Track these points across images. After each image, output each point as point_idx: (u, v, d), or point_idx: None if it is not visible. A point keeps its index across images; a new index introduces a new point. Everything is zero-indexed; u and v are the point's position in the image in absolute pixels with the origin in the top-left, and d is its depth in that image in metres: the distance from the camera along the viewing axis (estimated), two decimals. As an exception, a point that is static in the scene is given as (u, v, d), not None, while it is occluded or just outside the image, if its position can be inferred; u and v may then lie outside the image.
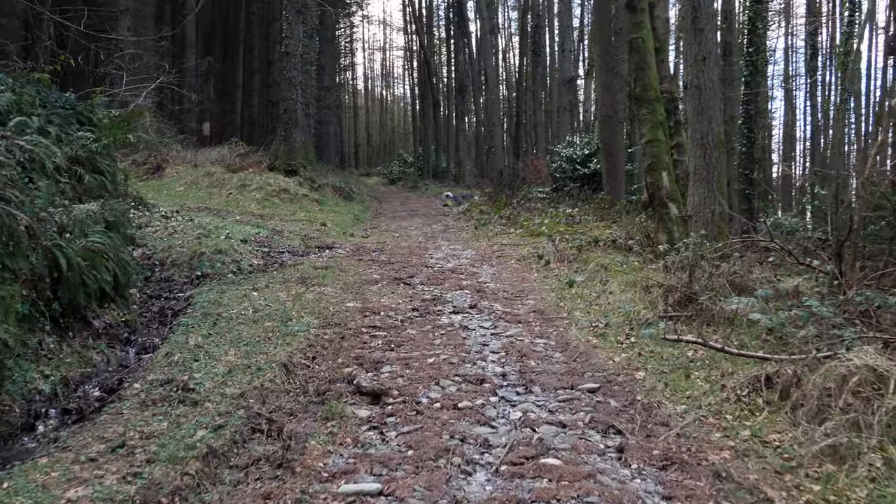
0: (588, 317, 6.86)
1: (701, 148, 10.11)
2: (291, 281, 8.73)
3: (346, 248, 11.95)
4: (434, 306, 7.52)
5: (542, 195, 20.51)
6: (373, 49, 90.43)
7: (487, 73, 27.25)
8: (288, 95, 20.38)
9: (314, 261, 10.33)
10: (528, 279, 9.24)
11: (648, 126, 9.59)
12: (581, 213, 14.70)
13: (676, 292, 6.42)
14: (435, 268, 10.20)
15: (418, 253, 11.83)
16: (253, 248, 10.99)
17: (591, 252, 10.17)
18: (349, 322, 6.81)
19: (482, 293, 8.25)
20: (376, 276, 9.29)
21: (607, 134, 17.33)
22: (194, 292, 8.21)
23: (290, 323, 6.74)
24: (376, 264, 10.33)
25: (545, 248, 11.00)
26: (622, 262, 9.26)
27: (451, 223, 19.07)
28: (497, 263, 10.68)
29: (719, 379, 4.71)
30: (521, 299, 7.93)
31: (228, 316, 6.89)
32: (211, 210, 15.13)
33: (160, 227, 11.42)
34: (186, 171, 19.02)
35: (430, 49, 48.54)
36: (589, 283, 8.27)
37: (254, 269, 9.57)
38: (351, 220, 17.65)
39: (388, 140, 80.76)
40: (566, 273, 9.25)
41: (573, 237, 10.99)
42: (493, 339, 6.14)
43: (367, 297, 7.96)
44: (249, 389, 4.82)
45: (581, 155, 22.61)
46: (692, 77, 10.25)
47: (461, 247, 13.15)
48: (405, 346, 5.93)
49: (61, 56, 11.22)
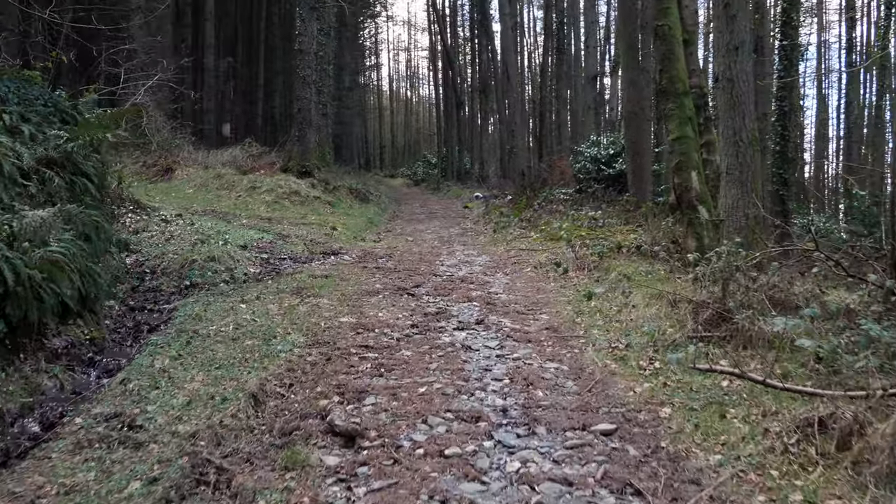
0: (607, 335, 6.08)
1: (733, 146, 9.29)
2: (286, 291, 8.05)
3: (353, 255, 11.25)
4: (436, 322, 6.78)
5: (566, 197, 19.70)
6: (398, 50, 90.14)
7: (510, 70, 26.46)
8: (302, 94, 19.75)
9: (315, 269, 9.64)
10: (544, 289, 8.47)
11: (676, 122, 8.79)
12: (604, 215, 13.88)
13: (707, 309, 5.63)
14: (444, 276, 9.47)
15: (429, 259, 11.10)
16: (252, 254, 10.34)
17: (614, 259, 9.37)
18: (339, 340, 6.10)
19: (492, 306, 7.50)
20: (379, 286, 8.58)
21: (633, 132, 16.49)
22: (178, 304, 7.56)
23: (273, 341, 6.05)
24: (381, 272, 9.62)
25: (564, 255, 10.23)
26: (647, 270, 8.46)
27: (470, 226, 18.34)
28: (512, 271, 9.92)
29: (761, 420, 3.92)
30: (534, 313, 7.17)
31: (206, 333, 6.21)
32: (217, 213, 14.53)
33: (157, 232, 10.82)
34: (197, 172, 18.47)
35: (455, 49, 47.89)
36: (609, 295, 7.49)
37: (248, 278, 8.90)
38: (364, 223, 16.96)
39: (413, 141, 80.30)
40: (585, 283, 8.48)
41: (594, 243, 10.19)
42: (497, 363, 5.39)
43: (364, 310, 7.24)
44: (206, 427, 4.12)
45: (606, 155, 21.79)
46: (723, 69, 9.42)
47: (476, 252, 12.40)
48: (396, 371, 5.20)
49: (52, 52, 10.63)
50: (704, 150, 10.76)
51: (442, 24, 44.07)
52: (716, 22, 9.70)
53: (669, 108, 8.87)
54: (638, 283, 7.86)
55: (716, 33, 9.63)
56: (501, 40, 27.92)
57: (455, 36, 49.59)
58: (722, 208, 9.30)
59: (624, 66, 17.84)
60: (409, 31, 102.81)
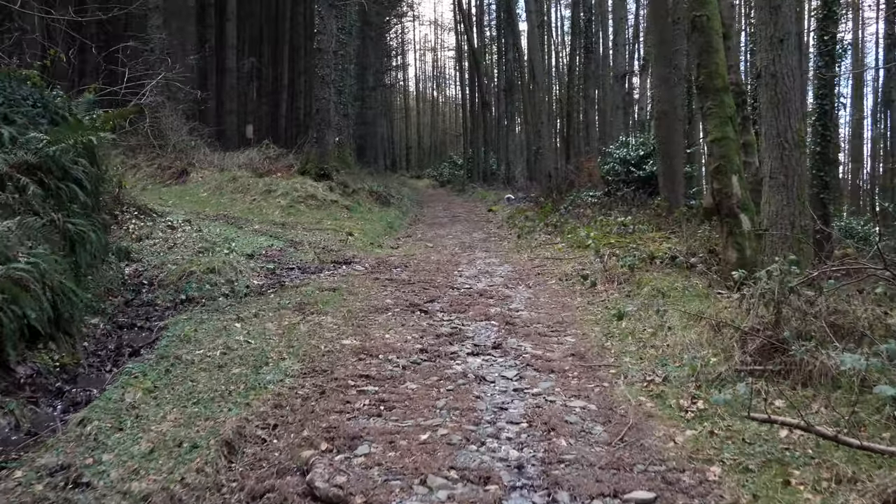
0: (641, 365, 5.34)
1: (778, 147, 8.50)
2: (287, 307, 7.39)
3: (367, 264, 10.58)
4: (449, 345, 6.08)
5: (593, 200, 18.92)
6: (424, 50, 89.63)
7: (535, 69, 25.69)
8: (320, 94, 19.14)
9: (323, 280, 8.98)
10: (570, 306, 7.73)
11: (715, 121, 8.00)
12: (634, 221, 13.09)
13: (758, 337, 4.87)
14: (462, 289, 8.76)
15: (447, 270, 10.40)
16: (258, 264, 9.72)
17: (646, 272, 8.60)
18: (337, 368, 5.43)
19: (512, 325, 6.78)
20: (389, 300, 7.89)
21: (664, 132, 15.66)
22: (170, 322, 6.94)
23: (264, 369, 5.39)
24: (394, 285, 8.94)
25: (591, 265, 9.48)
26: (683, 285, 7.68)
27: (494, 231, 17.62)
28: (535, 283, 9.19)
29: (836, 489, 3.18)
30: (559, 335, 6.44)
31: (190, 359, 5.56)
32: (229, 218, 13.95)
33: (161, 240, 10.26)
34: (212, 175, 17.95)
35: (482, 49, 47.23)
36: (643, 313, 6.74)
37: (250, 292, 8.26)
38: (383, 228, 16.30)
39: (440, 142, 79.82)
40: (615, 299, 7.72)
41: (625, 252, 9.42)
42: (514, 400, 4.67)
43: (370, 330, 6.56)
44: (162, 488, 3.46)
45: (636, 156, 20.95)
46: (767, 63, 8.64)
47: (498, 261, 11.68)
48: (398, 410, 4.50)
49: (51, 51, 10.10)
50: (742, 151, 9.97)
51: (468, 24, 43.41)
52: (758, 13, 8.90)
53: (708, 106, 8.09)
54: (674, 299, 7.11)
55: (758, 25, 8.83)
56: (528, 39, 27.17)
57: (481, 36, 48.98)
58: (765, 216, 8.52)
59: (654, 63, 17.01)
60: (435, 31, 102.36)
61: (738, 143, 8.11)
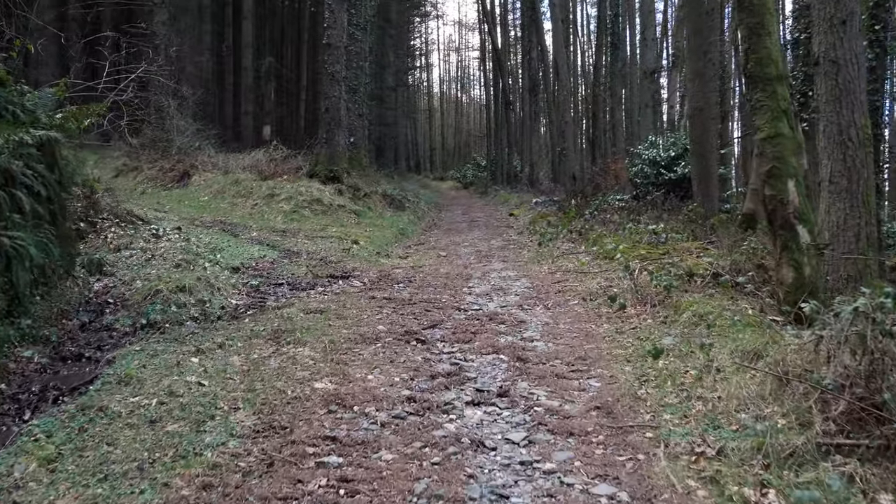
0: (686, 426, 4.14)
1: (839, 146, 7.27)
2: (261, 336, 6.29)
3: (366, 278, 9.46)
4: (444, 391, 4.92)
5: (621, 204, 17.67)
6: (448, 50, 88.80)
7: (559, 66, 24.43)
8: (330, 92, 18.08)
9: (312, 300, 7.87)
10: (595, 335, 6.53)
11: (767, 116, 6.76)
12: (667, 228, 11.83)
13: (844, 397, 3.67)
14: (469, 311, 7.59)
15: (456, 285, 9.24)
16: (243, 279, 8.64)
17: (685, 292, 7.37)
18: (299, 424, 4.29)
19: (524, 362, 5.60)
20: (382, 327, 6.73)
21: (698, 130, 14.40)
22: (118, 354, 5.86)
23: (207, 426, 4.27)
24: (392, 305, 7.79)
25: (620, 283, 8.28)
26: (731, 310, 6.45)
27: (514, 237, 16.44)
28: (554, 304, 7.98)
29: None
30: (581, 376, 5.25)
31: (118, 410, 4.46)
32: (226, 225, 12.92)
33: (139, 251, 9.19)
34: (215, 178, 16.95)
35: (506, 48, 46.14)
36: (683, 348, 5.53)
37: (224, 314, 7.17)
38: (393, 235, 15.17)
39: (464, 143, 78.97)
40: (649, 326, 6.52)
41: (658, 267, 8.18)
42: (519, 481, 3.51)
43: (351, 369, 5.41)
44: None
45: (666, 157, 19.66)
46: (825, 48, 7.40)
47: (515, 273, 10.50)
48: (361, 497, 3.36)
49: (16, 41, 9.08)
50: (790, 151, 8.69)
51: (491, 23, 42.33)
52: (815, -9, 7.65)
53: (758, 98, 6.85)
54: (721, 330, 5.89)
55: (816, 5, 7.58)
56: (552, 34, 25.95)
57: (506, 35, 47.98)
58: (825, 228, 7.28)
59: (687, 56, 15.77)
60: (459, 31, 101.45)
61: (794, 141, 6.86)
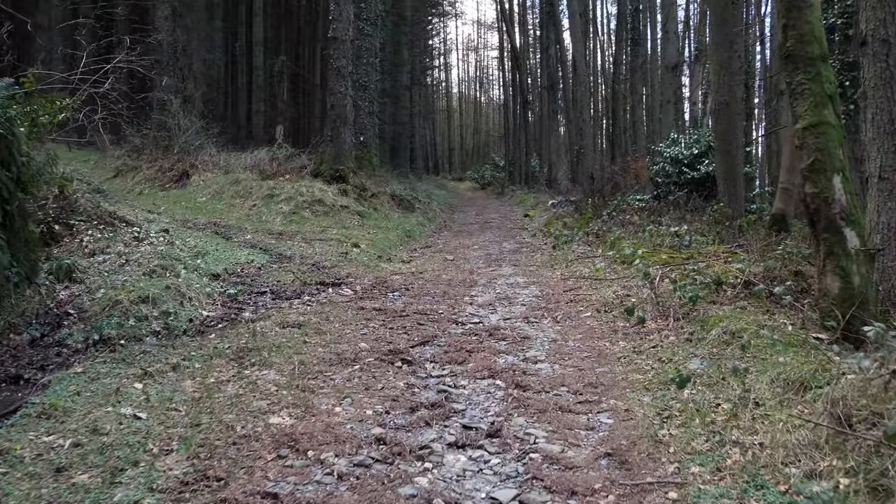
0: (720, 485, 3.26)
1: (891, 137, 6.32)
2: (223, 355, 5.48)
3: (359, 286, 8.64)
4: (423, 429, 4.06)
5: (641, 204, 16.75)
6: (467, 50, 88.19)
7: (577, 62, 23.53)
8: (335, 88, 17.26)
9: (292, 311, 7.05)
10: (609, 355, 5.64)
11: (809, 101, 5.86)
12: (691, 230, 10.90)
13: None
14: (468, 325, 6.73)
15: (457, 294, 8.39)
16: (220, 288, 7.84)
17: (712, 303, 6.47)
18: (237, 476, 3.47)
19: (523, 390, 4.74)
20: (364, 345, 5.88)
21: (724, 126, 13.45)
22: (54, 378, 5.07)
23: (125, 476, 3.47)
24: (382, 317, 6.94)
25: (639, 292, 7.39)
26: (768, 326, 5.55)
27: (527, 240, 15.56)
28: (565, 316, 7.10)
29: None
30: (590, 410, 4.37)
31: (19, 456, 3.66)
32: (220, 227, 12.16)
33: (115, 255, 8.43)
34: (215, 178, 16.21)
35: (525, 47, 45.37)
36: (713, 374, 4.65)
37: (190, 328, 6.37)
38: (398, 237, 14.33)
39: (483, 143, 78.33)
40: (671, 345, 5.63)
41: (682, 274, 7.26)
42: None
43: (317, 399, 4.57)
44: None
45: (689, 155, 18.72)
46: (874, 25, 6.47)
47: (524, 279, 9.64)
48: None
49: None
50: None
51: (510, 22, 41.47)
52: (861, -39, 6.72)
53: (799, 81, 5.95)
54: (757, 350, 4.99)
55: (862, -24, 6.66)
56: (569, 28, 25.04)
57: (524, 34, 47.27)
58: (874, 230, 6.36)
59: (713, 47, 14.80)
60: (478, 30, 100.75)
61: (840, 131, 5.95)
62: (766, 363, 4.68)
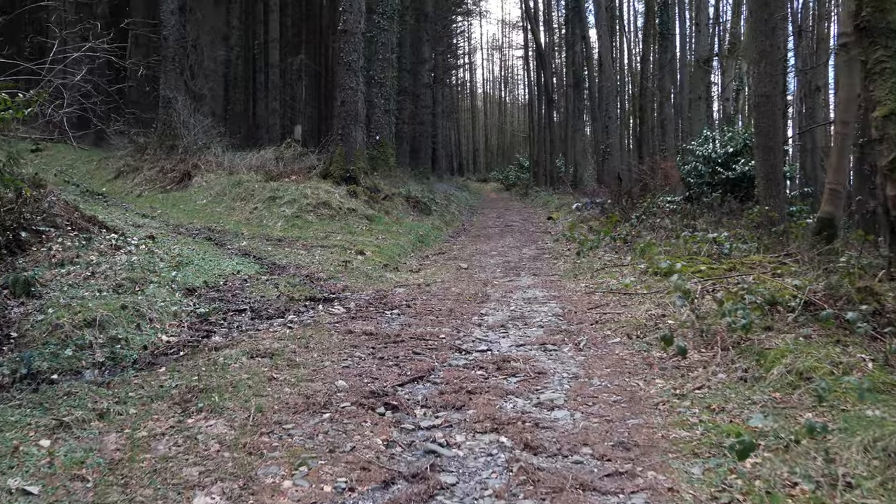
0: None
1: None
2: (168, 396, 4.46)
3: (355, 301, 7.61)
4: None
5: (672, 206, 15.59)
6: (492, 49, 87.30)
7: (603, 57, 22.37)
8: (346, 83, 16.27)
9: (269, 335, 6.03)
10: (643, 399, 4.52)
11: (891, 83, 4.75)
12: (732, 237, 9.74)
13: None
14: (473, 353, 5.66)
15: (466, 311, 7.32)
16: (191, 306, 6.86)
17: (769, 330, 5.34)
18: None
19: (533, 452, 3.66)
20: (343, 381, 4.82)
21: (765, 120, 12.25)
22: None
23: None
24: (372, 343, 5.89)
25: (677, 312, 6.28)
26: (843, 363, 4.42)
27: (549, 245, 14.48)
28: (589, 342, 5.99)
29: None
30: (621, 490, 3.25)
31: None
32: (215, 232, 11.21)
33: (82, 266, 7.49)
34: (218, 179, 15.29)
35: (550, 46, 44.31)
36: (783, 435, 3.56)
37: (142, 358, 5.36)
38: (409, 243, 13.28)
39: (507, 144, 77.40)
40: (723, 387, 4.51)
41: (729, 293, 6.12)
42: None
43: (264, 467, 3.52)
44: None
45: (723, 153, 17.57)
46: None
47: (544, 293, 8.56)
48: None
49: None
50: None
51: (535, 20, 40.40)
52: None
53: (876, 59, 4.84)
54: (836, 398, 3.88)
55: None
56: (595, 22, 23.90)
57: (549, 32, 46.23)
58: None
59: (753, 34, 13.61)
60: (502, 29, 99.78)
61: (929, 119, 4.83)
62: (852, 419, 3.58)
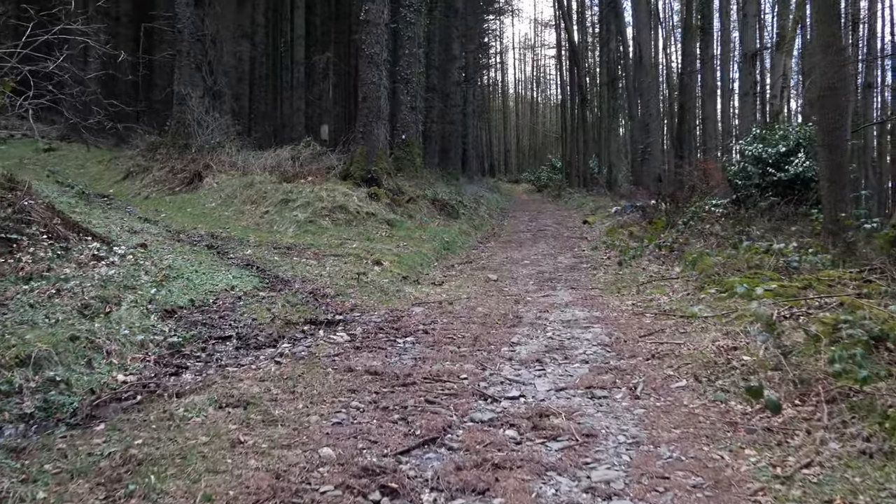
0: None
1: None
2: (93, 471, 3.36)
3: (362, 326, 6.48)
4: None
5: (721, 210, 14.28)
6: (524, 48, 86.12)
7: (642, 51, 21.08)
8: (368, 77, 15.18)
9: (250, 373, 4.91)
10: (734, 485, 3.27)
11: None
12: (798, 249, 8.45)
13: None
14: (502, 401, 4.47)
15: (494, 339, 6.14)
16: (169, 330, 5.78)
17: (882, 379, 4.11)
18: None
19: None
20: (329, 451, 3.63)
21: (831, 116, 10.90)
22: None
23: None
24: (375, 386, 4.73)
25: (752, 347, 5.05)
26: None
27: (587, 252, 13.27)
28: (647, 386, 4.75)
29: None
30: None
31: None
32: (219, 239, 10.19)
33: (51, 280, 6.48)
34: (230, 180, 14.28)
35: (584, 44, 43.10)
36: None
37: (83, 407, 4.27)
38: (432, 250, 12.11)
39: (540, 145, 76.16)
40: (840, 468, 3.31)
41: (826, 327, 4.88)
42: None
43: None
44: None
45: (775, 153, 16.12)
46: None
47: (586, 313, 7.36)
48: None
49: None
50: None
51: (568, 18, 39.11)
52: None
53: None
54: None
55: None
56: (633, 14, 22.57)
57: (583, 32, 44.98)
58: None
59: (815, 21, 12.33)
60: (534, 28, 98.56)
61: None
62: None
